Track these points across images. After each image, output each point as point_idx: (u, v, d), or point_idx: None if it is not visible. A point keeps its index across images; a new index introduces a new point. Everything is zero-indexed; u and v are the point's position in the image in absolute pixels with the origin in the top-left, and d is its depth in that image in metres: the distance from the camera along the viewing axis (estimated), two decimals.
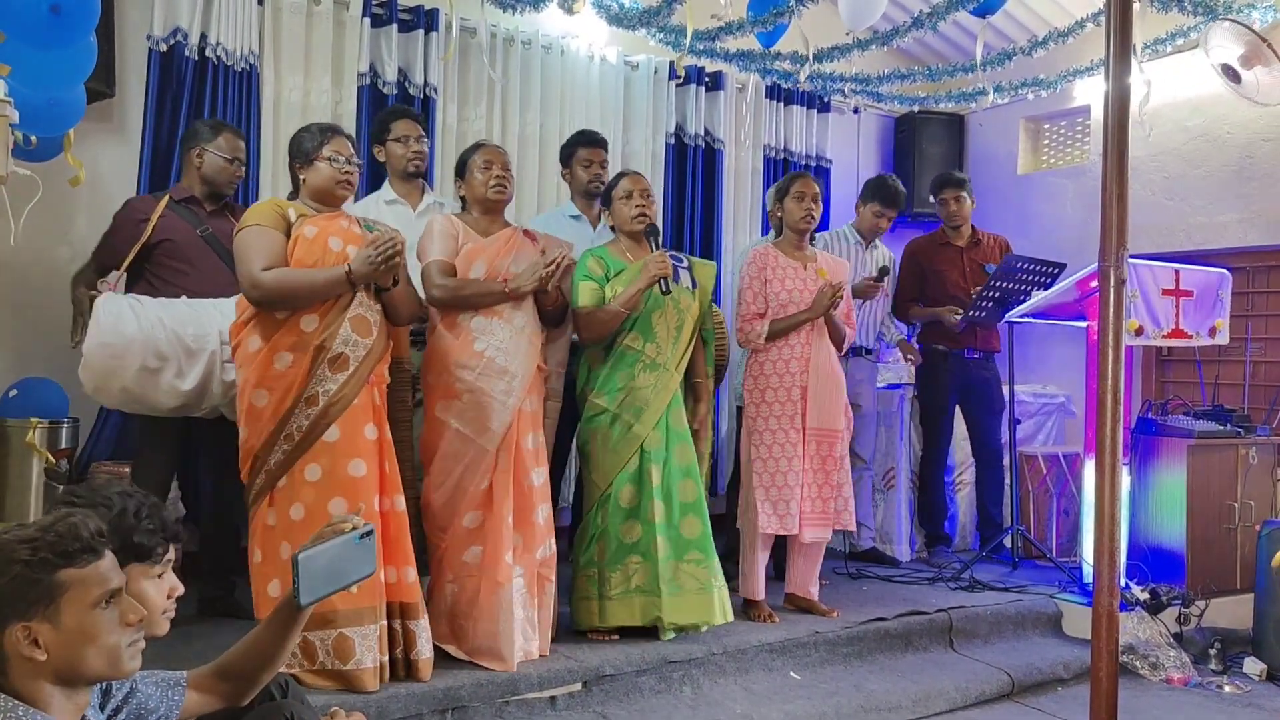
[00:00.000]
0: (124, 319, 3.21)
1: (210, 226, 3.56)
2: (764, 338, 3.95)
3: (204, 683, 1.90)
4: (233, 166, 3.61)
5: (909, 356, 5.07)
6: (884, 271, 4.75)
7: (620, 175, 3.79)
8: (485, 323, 3.25)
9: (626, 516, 3.51)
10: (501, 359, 3.22)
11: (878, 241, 4.99)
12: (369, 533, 1.95)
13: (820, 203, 4.10)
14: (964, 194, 5.08)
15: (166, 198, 3.55)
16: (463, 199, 3.48)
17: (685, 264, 3.81)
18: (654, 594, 3.45)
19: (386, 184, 3.93)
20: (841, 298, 3.97)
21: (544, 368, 3.43)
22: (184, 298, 3.37)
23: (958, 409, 5.13)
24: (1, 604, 1.47)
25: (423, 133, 3.91)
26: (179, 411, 3.35)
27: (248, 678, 1.93)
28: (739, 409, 4.38)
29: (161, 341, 3.22)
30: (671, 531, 3.51)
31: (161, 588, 1.77)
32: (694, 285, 3.77)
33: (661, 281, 3.49)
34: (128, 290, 3.47)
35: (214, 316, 3.30)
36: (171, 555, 1.80)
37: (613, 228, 3.76)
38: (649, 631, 3.52)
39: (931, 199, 5.24)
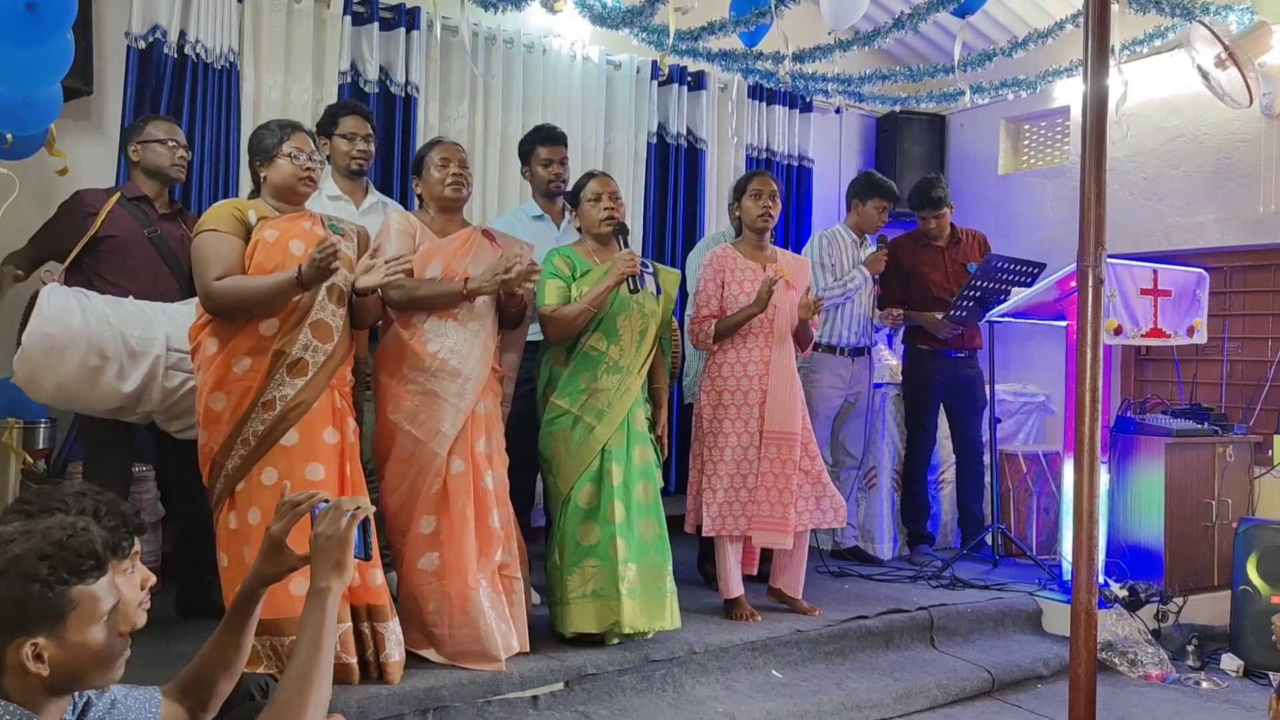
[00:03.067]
0: (69, 311, 3.12)
1: (159, 228, 3.48)
2: (711, 337, 3.91)
3: (173, 696, 1.89)
4: (169, 148, 3.49)
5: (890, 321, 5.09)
6: (884, 240, 4.83)
7: (588, 176, 3.70)
8: (439, 324, 3.18)
9: (585, 518, 3.44)
10: (455, 361, 3.16)
11: (868, 239, 5.02)
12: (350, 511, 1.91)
13: (779, 200, 4.04)
14: (944, 212, 5.09)
15: (118, 194, 3.47)
16: (419, 197, 3.40)
17: (651, 270, 3.76)
18: (611, 598, 3.35)
19: (329, 179, 3.79)
20: (821, 308, 3.96)
21: (499, 370, 3.37)
22: (130, 298, 3.29)
23: (941, 407, 5.16)
24: (10, 619, 1.44)
25: (371, 131, 3.81)
26: (112, 414, 3.26)
27: (208, 686, 1.90)
28: (688, 407, 4.37)
29: (106, 339, 3.13)
30: (630, 533, 3.44)
31: (134, 581, 1.75)
32: (658, 291, 3.72)
33: (630, 280, 3.45)
34: (65, 282, 3.32)
35: (161, 320, 3.23)
36: (138, 548, 1.78)
37: (579, 229, 3.70)
38: (596, 637, 3.42)
39: (913, 211, 5.21)
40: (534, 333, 3.67)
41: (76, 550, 1.48)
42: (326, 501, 1.90)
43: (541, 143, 4.15)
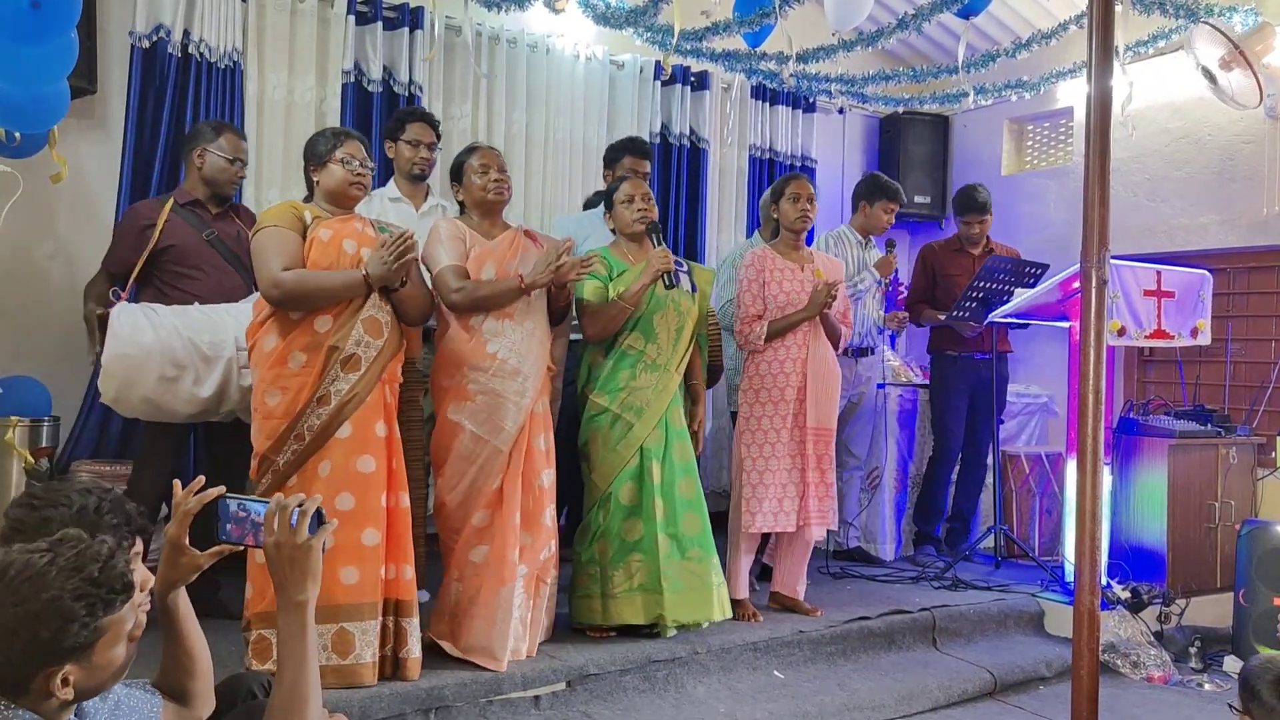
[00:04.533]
0: (140, 329, 3.21)
1: (215, 230, 3.56)
2: (763, 339, 3.98)
3: (163, 693, 1.88)
4: (234, 167, 3.60)
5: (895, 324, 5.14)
6: (891, 244, 4.91)
7: (622, 179, 3.83)
8: (497, 325, 3.26)
9: (628, 515, 3.53)
10: (514, 360, 3.25)
11: (873, 240, 5.03)
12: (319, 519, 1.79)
13: (815, 204, 4.13)
14: (988, 218, 5.14)
15: (170, 201, 3.53)
16: (460, 203, 3.49)
17: (686, 268, 3.85)
18: (656, 592, 3.46)
19: (392, 181, 3.97)
20: (835, 296, 3.99)
21: (553, 368, 3.46)
22: (196, 304, 3.38)
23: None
24: (44, 656, 1.43)
25: (435, 139, 3.94)
26: (197, 418, 3.37)
27: (178, 685, 1.89)
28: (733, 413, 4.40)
29: (178, 350, 3.22)
30: (673, 529, 3.53)
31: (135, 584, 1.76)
32: (694, 289, 3.80)
33: (665, 276, 3.53)
34: (135, 297, 3.46)
35: (228, 322, 3.31)
36: (139, 548, 1.78)
37: (613, 230, 3.78)
38: (644, 629, 3.53)
39: (955, 217, 5.22)
40: (575, 331, 3.74)
41: (111, 585, 1.47)
42: (230, 497, 1.81)
43: (632, 153, 4.35)
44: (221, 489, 1.85)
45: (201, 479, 1.87)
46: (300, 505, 1.74)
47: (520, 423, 3.23)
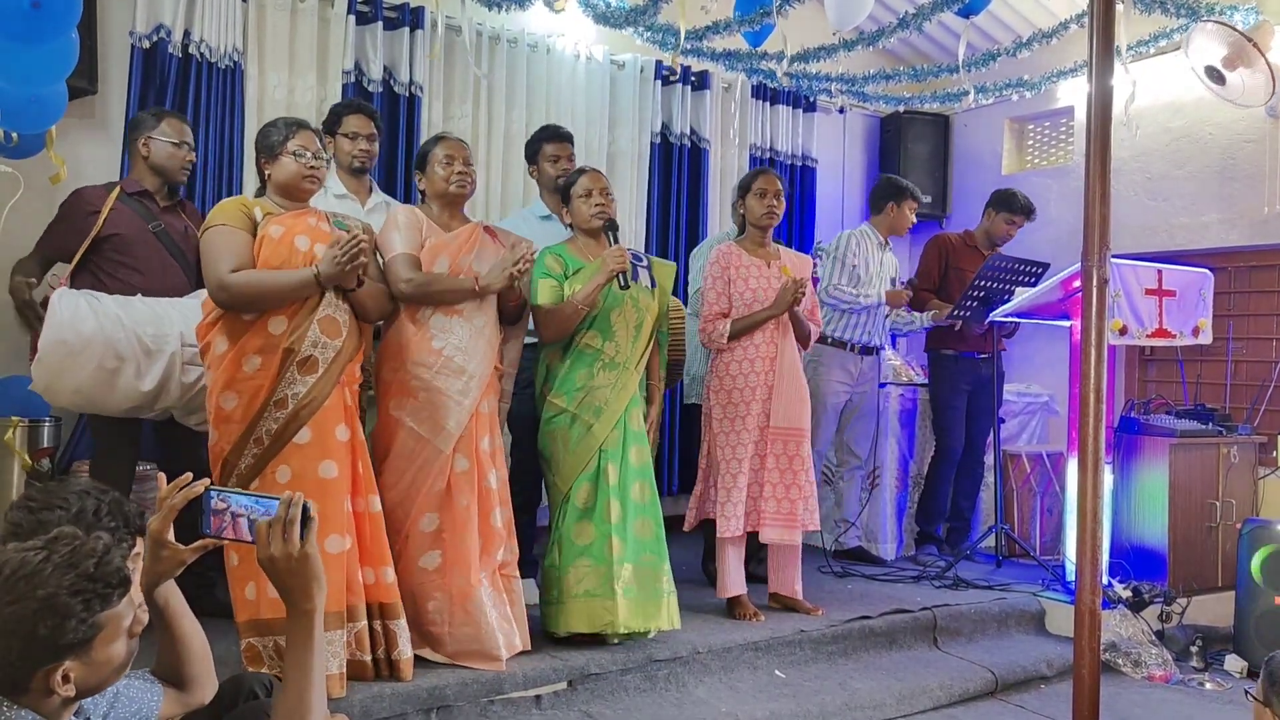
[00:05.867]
0: (82, 316, 3.10)
1: (163, 222, 3.46)
2: (726, 337, 3.92)
3: (161, 680, 1.89)
4: (181, 151, 3.49)
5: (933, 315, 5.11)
6: (911, 283, 5.00)
7: (579, 172, 3.68)
8: (445, 320, 3.17)
9: (580, 517, 3.42)
10: (460, 358, 3.15)
11: (890, 242, 5.05)
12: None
13: (783, 199, 4.06)
14: (1027, 222, 5.15)
15: (118, 190, 3.44)
16: (422, 192, 3.40)
17: (645, 263, 3.76)
18: (605, 597, 3.34)
19: (333, 177, 3.76)
20: (804, 294, 3.93)
21: (499, 367, 3.36)
22: (139, 296, 3.28)
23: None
24: (43, 653, 1.44)
25: (374, 130, 3.81)
26: (131, 413, 3.26)
27: (175, 672, 1.89)
28: (694, 407, 4.38)
29: (120, 341, 3.12)
30: (626, 532, 3.42)
31: (135, 581, 1.76)
32: (653, 284, 3.71)
33: (620, 276, 3.43)
34: (72, 285, 3.31)
35: (173, 317, 3.22)
36: (139, 548, 1.78)
37: (570, 225, 3.68)
38: (591, 638, 3.42)
39: (993, 211, 5.18)
40: (532, 335, 3.66)
41: (107, 580, 1.47)
42: (214, 489, 1.79)
43: (548, 140, 4.17)
44: (205, 482, 1.82)
45: (189, 475, 1.85)
46: (288, 513, 1.70)
47: (463, 423, 3.14)
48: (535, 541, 3.92)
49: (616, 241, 3.54)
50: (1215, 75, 4.69)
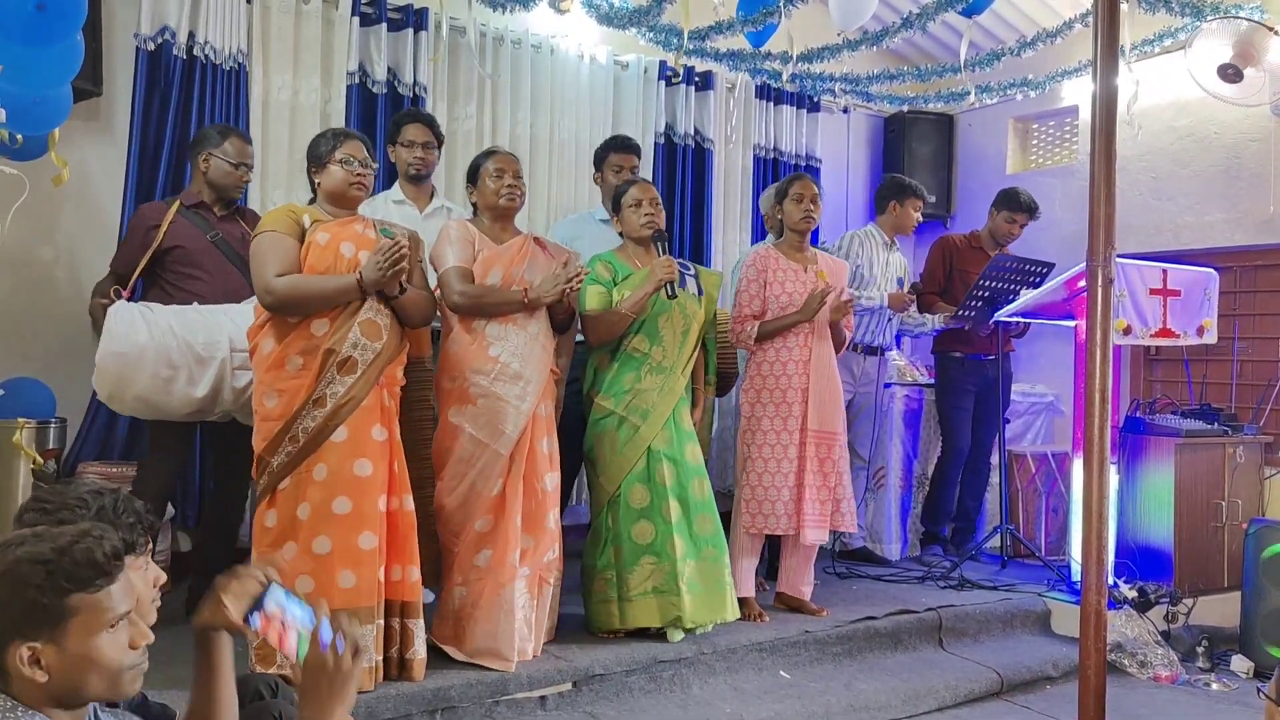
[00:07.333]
0: (135, 327, 3.24)
1: (220, 231, 3.60)
2: (754, 338, 3.98)
3: None
4: (239, 171, 3.63)
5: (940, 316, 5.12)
6: (915, 288, 5.00)
7: (630, 183, 3.81)
8: (500, 329, 3.27)
9: (639, 518, 3.53)
10: (516, 364, 3.25)
11: (896, 241, 5.04)
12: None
13: (820, 204, 4.13)
14: (1031, 221, 5.14)
15: (176, 203, 3.58)
16: (474, 205, 3.50)
17: (692, 271, 3.87)
18: (672, 594, 3.47)
19: (397, 184, 4.04)
20: (827, 303, 3.96)
21: (556, 371, 3.46)
22: (195, 305, 3.41)
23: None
24: (7, 622, 1.44)
25: (431, 139, 3.99)
26: (193, 416, 3.39)
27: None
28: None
29: (173, 350, 3.24)
30: (688, 530, 3.54)
31: (147, 578, 1.76)
32: (700, 292, 3.80)
33: (667, 286, 3.52)
34: (142, 297, 3.50)
35: (224, 323, 3.32)
36: (152, 545, 1.78)
37: (621, 234, 3.78)
38: (650, 630, 3.53)
39: (996, 211, 5.17)
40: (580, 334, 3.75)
41: (75, 559, 1.46)
42: (278, 586, 1.71)
43: (615, 150, 4.36)
44: (267, 575, 1.74)
45: (257, 571, 1.76)
46: (341, 636, 1.63)
47: (521, 426, 3.23)
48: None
49: (666, 251, 3.63)
50: (1230, 74, 4.65)
